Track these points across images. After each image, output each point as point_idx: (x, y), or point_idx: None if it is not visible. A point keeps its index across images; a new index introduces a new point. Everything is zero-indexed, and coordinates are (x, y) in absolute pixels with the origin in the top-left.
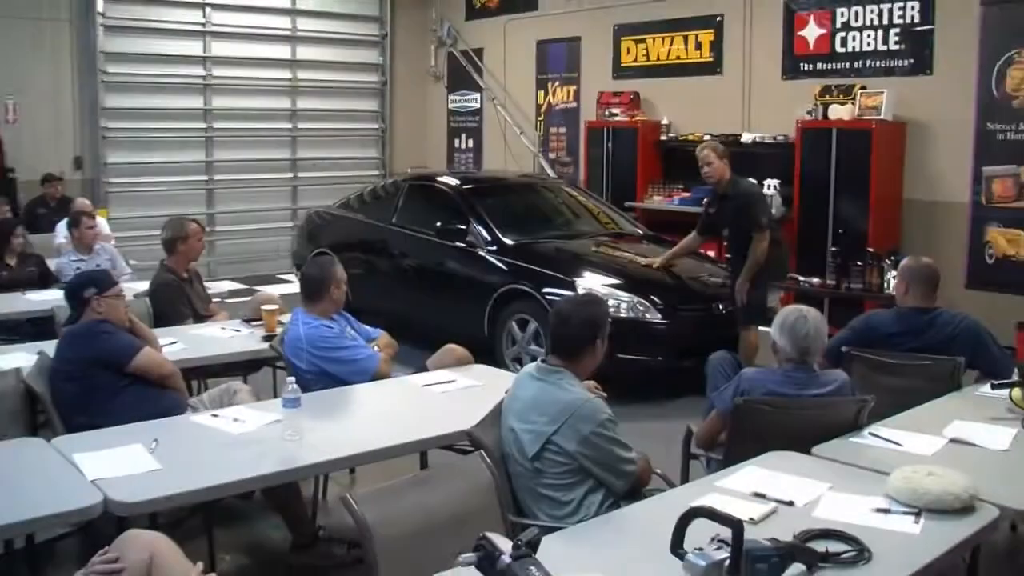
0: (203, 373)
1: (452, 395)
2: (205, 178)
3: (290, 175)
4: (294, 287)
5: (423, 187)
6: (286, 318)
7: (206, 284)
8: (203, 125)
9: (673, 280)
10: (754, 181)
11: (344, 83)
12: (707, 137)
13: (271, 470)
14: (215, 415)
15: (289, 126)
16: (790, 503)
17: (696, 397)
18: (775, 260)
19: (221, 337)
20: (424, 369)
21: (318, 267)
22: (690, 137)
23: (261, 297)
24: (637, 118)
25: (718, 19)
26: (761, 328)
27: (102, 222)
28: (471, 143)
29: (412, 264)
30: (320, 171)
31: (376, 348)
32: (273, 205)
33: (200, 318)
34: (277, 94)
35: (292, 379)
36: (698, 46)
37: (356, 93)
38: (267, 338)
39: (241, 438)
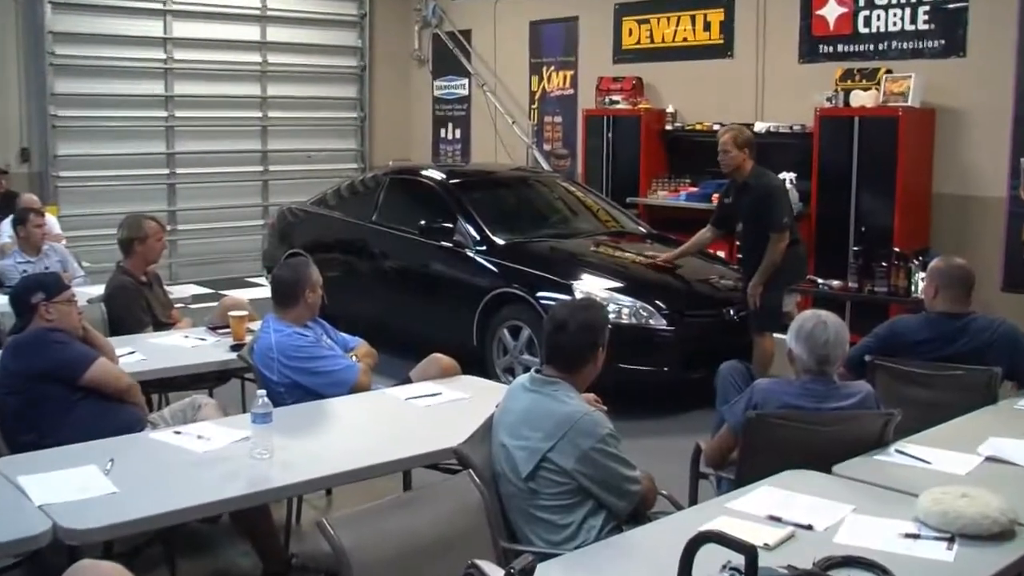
0: (164, 386)
1: (438, 409)
2: (166, 172)
3: (260, 169)
4: (265, 291)
5: (406, 181)
6: (256, 325)
7: (167, 288)
8: (164, 114)
9: (680, 283)
10: (780, 176)
11: (319, 68)
12: (716, 127)
13: (239, 492)
14: (178, 432)
15: (259, 115)
16: (809, 527)
17: (705, 411)
18: (793, 261)
19: (184, 346)
20: (407, 381)
21: (291, 269)
22: (697, 127)
23: (228, 302)
24: (640, 106)
25: None
26: (776, 336)
27: (51, 220)
28: (458, 133)
29: (394, 266)
30: (293, 164)
31: (355, 358)
32: (241, 201)
33: (161, 326)
34: (246, 79)
35: (262, 392)
36: (707, 27)
37: (332, 79)
38: (235, 347)
39: (206, 457)
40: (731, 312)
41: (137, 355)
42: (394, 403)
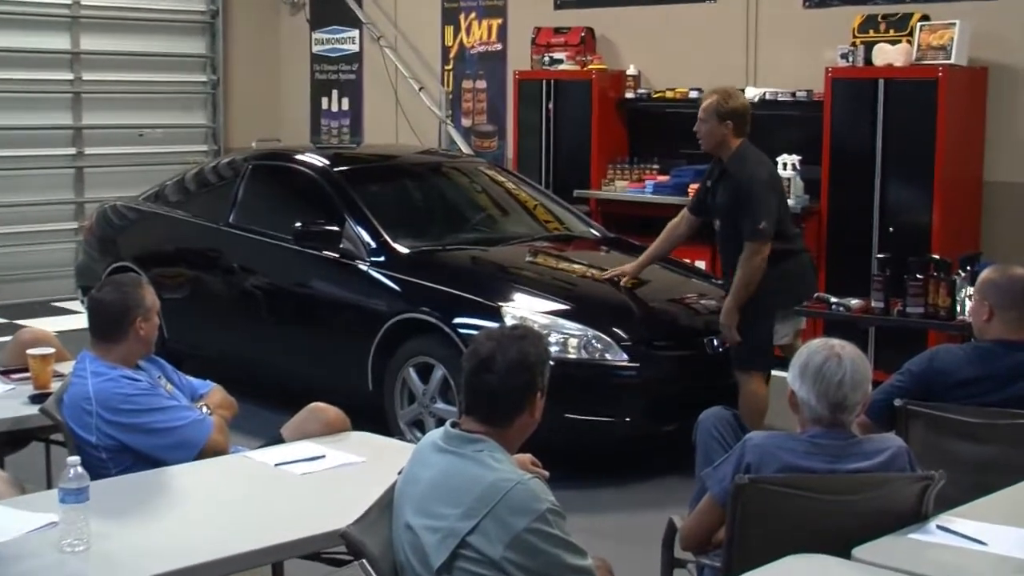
0: None
1: (320, 478)
2: None
3: (72, 152)
4: (79, 320)
5: (275, 170)
6: (67, 367)
7: None
8: None
9: (645, 304)
10: (779, 160)
11: (153, 13)
12: (695, 94)
13: None
14: None
15: (69, 77)
16: None
17: (681, 476)
18: (791, 277)
19: None
20: (279, 440)
21: (116, 291)
22: (668, 94)
23: (26, 336)
24: (591, 67)
25: None
26: (776, 373)
27: None
28: (346, 104)
29: (259, 284)
30: (118, 146)
31: (205, 410)
32: (45, 197)
33: None
34: (49, 28)
35: (75, 460)
36: None
37: (172, 29)
38: (36, 398)
39: None
40: (714, 343)
41: None
42: (261, 470)
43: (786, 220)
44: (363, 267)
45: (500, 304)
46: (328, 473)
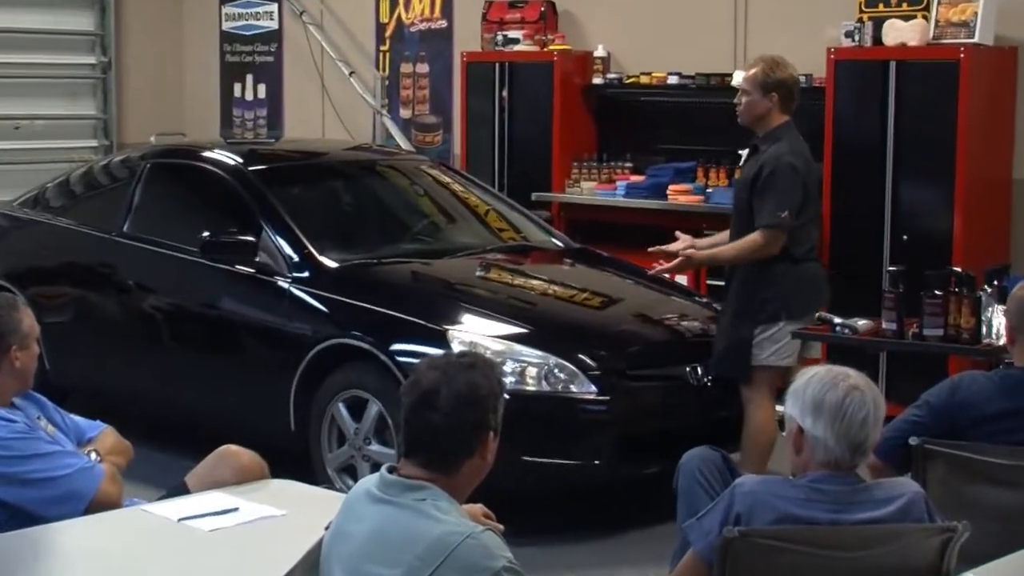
0: None
1: (232, 535)
2: None
3: None
4: None
5: (178, 169)
6: None
7: None
8: None
9: (617, 326)
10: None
11: None
12: (673, 79)
13: None
14: None
15: None
16: None
17: (660, 527)
18: (802, 284)
19: None
20: (183, 490)
21: None
22: (643, 80)
23: None
24: (553, 48)
25: None
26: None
27: None
28: (263, 92)
29: (159, 305)
30: None
31: (94, 456)
32: None
33: None
34: None
35: None
36: None
37: (53, 1)
38: None
39: None
40: (699, 372)
41: None
42: (161, 526)
43: (811, 220)
44: (283, 284)
45: (446, 327)
46: (242, 529)
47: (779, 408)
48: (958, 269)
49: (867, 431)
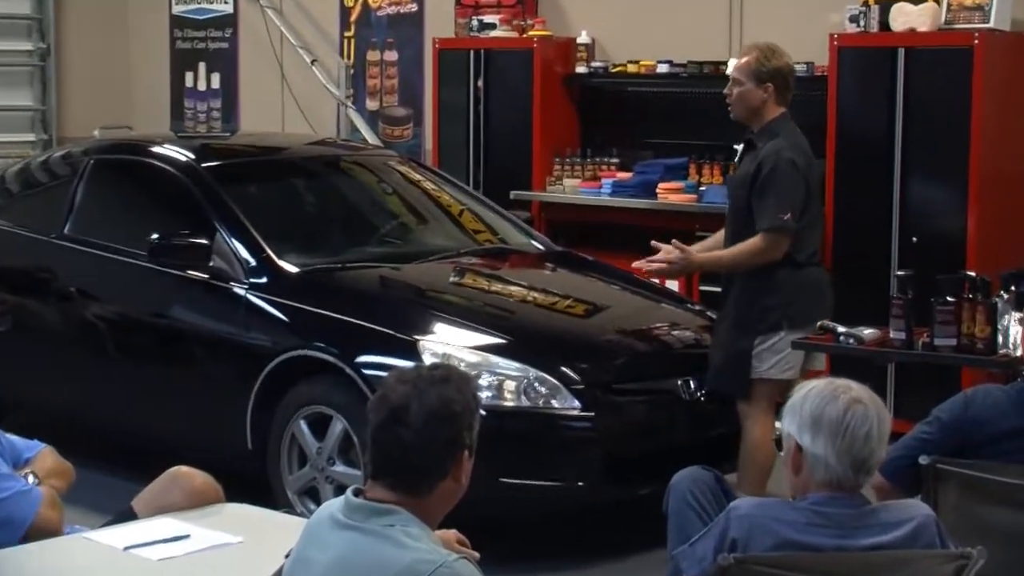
0: None
1: (184, 565)
2: None
3: None
4: None
5: (124, 166)
6: None
7: None
8: None
9: (603, 336)
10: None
11: None
12: (663, 68)
13: None
14: None
15: None
16: None
17: (650, 553)
18: (806, 289)
19: None
20: (130, 516)
21: None
22: (631, 69)
23: None
24: (533, 34)
25: None
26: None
27: None
28: (218, 82)
29: (103, 314)
30: None
31: (32, 479)
32: None
33: None
34: None
35: None
36: None
37: None
38: None
39: None
40: (691, 385)
41: None
42: (106, 556)
43: (814, 220)
44: (239, 291)
45: (416, 337)
46: (194, 558)
47: (778, 425)
48: (972, 273)
49: (871, 447)
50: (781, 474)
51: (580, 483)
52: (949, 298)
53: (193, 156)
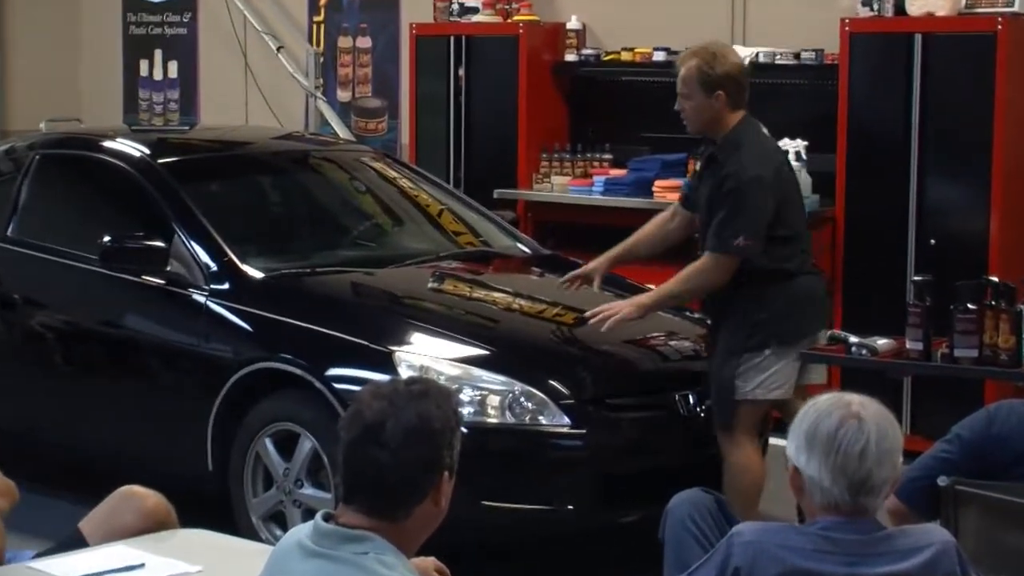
0: None
1: None
2: None
3: None
4: None
5: (73, 162)
6: None
7: None
8: None
9: (595, 347)
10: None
11: None
12: (660, 56)
13: None
14: None
15: None
16: None
17: None
18: (799, 302)
19: None
20: (77, 540)
21: None
22: (623, 57)
23: None
24: (518, 19)
25: None
26: (773, 441)
27: None
28: (175, 71)
29: (50, 323)
30: None
31: None
32: None
33: None
34: None
35: None
36: None
37: None
38: None
39: None
40: (690, 399)
41: None
42: None
43: (797, 226)
44: (199, 298)
45: (392, 349)
46: None
47: (775, 442)
48: (995, 279)
49: (867, 467)
50: (774, 495)
51: (570, 506)
52: (970, 305)
53: (148, 151)
